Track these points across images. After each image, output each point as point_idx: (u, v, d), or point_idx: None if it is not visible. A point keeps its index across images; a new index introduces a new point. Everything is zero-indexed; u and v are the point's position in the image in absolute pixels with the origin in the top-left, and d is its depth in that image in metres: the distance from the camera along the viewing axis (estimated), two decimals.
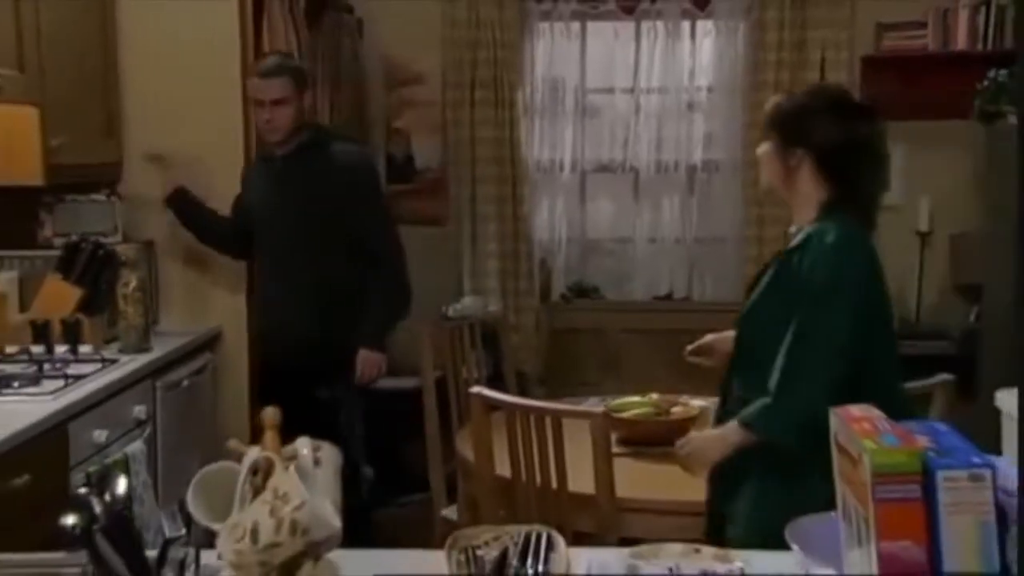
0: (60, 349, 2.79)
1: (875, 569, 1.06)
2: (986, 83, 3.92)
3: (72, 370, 2.57)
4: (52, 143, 2.76)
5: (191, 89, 3.31)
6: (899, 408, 1.41)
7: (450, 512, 2.99)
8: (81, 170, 3.03)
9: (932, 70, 4.33)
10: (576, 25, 4.58)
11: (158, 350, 2.94)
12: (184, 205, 3.18)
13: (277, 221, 3.13)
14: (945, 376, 2.57)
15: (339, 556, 1.29)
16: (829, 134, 1.99)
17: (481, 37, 4.42)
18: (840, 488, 1.19)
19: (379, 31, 4.51)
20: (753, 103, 4.42)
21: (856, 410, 1.14)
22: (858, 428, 1.09)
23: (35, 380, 2.48)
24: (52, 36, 2.83)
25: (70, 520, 1.10)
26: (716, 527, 2.05)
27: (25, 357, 2.71)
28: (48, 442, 2.23)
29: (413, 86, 4.59)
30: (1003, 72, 3.89)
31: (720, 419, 2.09)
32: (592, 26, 4.60)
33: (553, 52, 4.59)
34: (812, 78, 4.38)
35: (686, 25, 4.55)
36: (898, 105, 3.91)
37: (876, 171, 2.04)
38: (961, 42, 4.33)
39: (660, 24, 4.53)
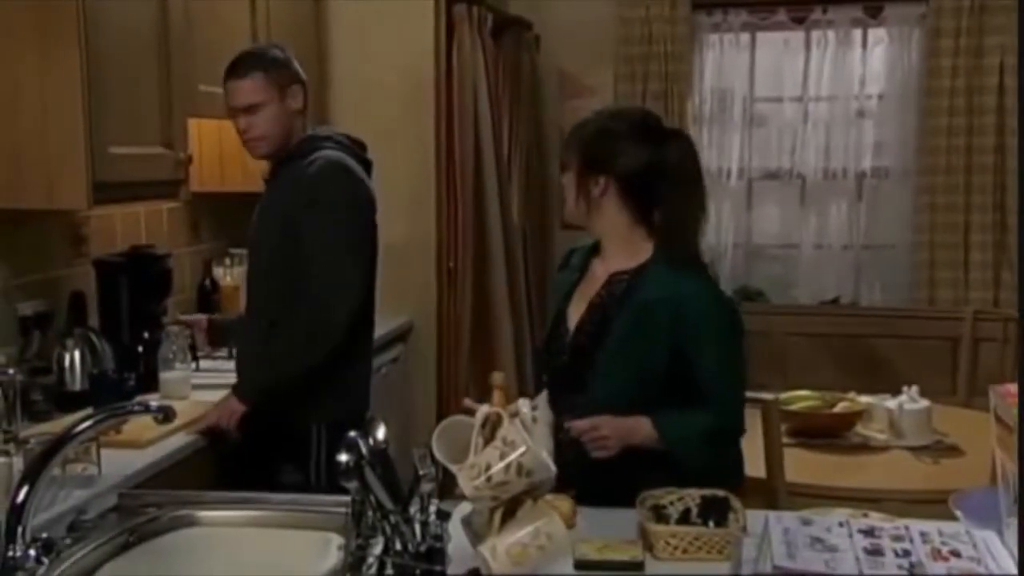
0: None
1: None
2: None
3: None
4: None
5: (390, 112, 3.69)
6: None
7: None
8: None
9: None
10: (746, 36, 4.69)
11: None
12: None
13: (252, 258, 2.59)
14: None
15: None
16: (632, 159, 1.88)
17: (653, 51, 4.59)
18: (999, 457, 1.34)
19: (555, 46, 4.76)
20: (927, 109, 4.43)
21: (1012, 387, 1.29)
22: (1013, 402, 1.24)
23: None
24: None
25: (344, 457, 1.36)
26: None
27: None
28: None
29: (587, 98, 4.81)
30: None
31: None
32: (761, 36, 4.69)
33: (722, 62, 4.70)
34: (990, 84, 4.35)
35: (857, 33, 4.59)
36: None
37: (687, 196, 1.95)
38: None
39: (831, 33, 4.58)
